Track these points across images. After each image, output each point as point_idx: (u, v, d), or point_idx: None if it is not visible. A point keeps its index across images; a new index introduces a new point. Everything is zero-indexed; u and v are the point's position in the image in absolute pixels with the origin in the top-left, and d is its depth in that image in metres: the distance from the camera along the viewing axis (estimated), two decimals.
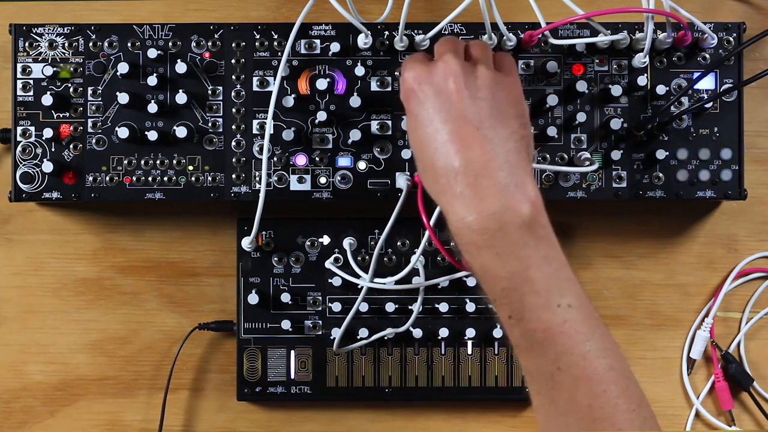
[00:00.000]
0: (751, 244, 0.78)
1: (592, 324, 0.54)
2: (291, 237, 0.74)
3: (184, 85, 0.70)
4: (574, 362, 0.53)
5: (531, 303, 0.53)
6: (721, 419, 0.78)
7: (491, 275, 0.54)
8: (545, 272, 0.53)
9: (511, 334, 0.55)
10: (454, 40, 0.61)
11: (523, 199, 0.53)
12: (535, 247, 0.53)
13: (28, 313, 0.77)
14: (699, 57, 0.72)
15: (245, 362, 0.74)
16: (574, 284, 0.54)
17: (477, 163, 0.54)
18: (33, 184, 0.70)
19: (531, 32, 0.69)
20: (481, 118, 0.55)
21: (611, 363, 0.54)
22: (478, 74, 0.57)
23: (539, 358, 0.54)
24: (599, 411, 0.53)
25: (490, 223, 0.53)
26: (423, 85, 0.57)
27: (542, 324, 0.53)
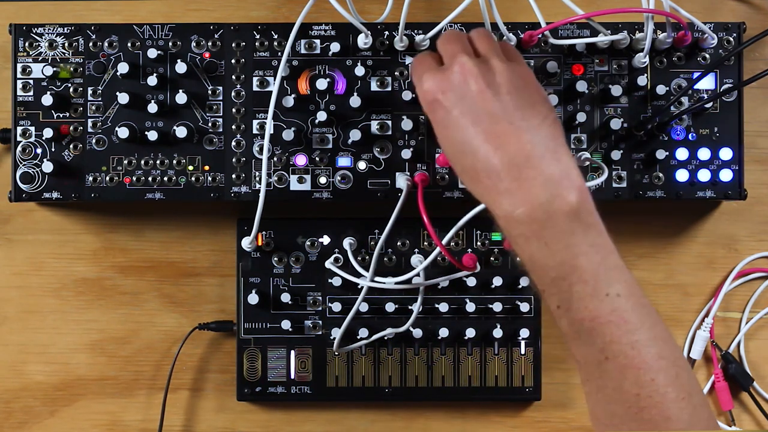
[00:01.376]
0: (751, 244, 0.78)
1: (642, 312, 0.54)
2: (291, 237, 0.74)
3: (184, 85, 0.70)
4: (622, 351, 0.53)
5: (579, 292, 0.53)
6: (721, 419, 0.78)
7: (541, 265, 0.54)
8: (593, 260, 0.53)
9: (560, 323, 0.55)
10: (457, 35, 0.61)
11: (570, 186, 0.53)
12: (583, 235, 0.53)
13: (28, 313, 0.77)
14: (699, 57, 0.72)
15: (245, 362, 0.74)
16: (622, 272, 0.54)
17: (518, 156, 0.53)
18: (33, 184, 0.70)
19: (531, 32, 0.69)
20: (510, 111, 0.55)
21: (661, 352, 0.53)
22: (494, 69, 0.57)
23: (587, 346, 0.54)
24: (647, 400, 0.53)
25: (539, 213, 0.53)
26: (446, 94, 0.56)
27: (590, 313, 0.53)
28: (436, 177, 0.71)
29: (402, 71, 0.71)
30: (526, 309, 0.74)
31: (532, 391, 0.75)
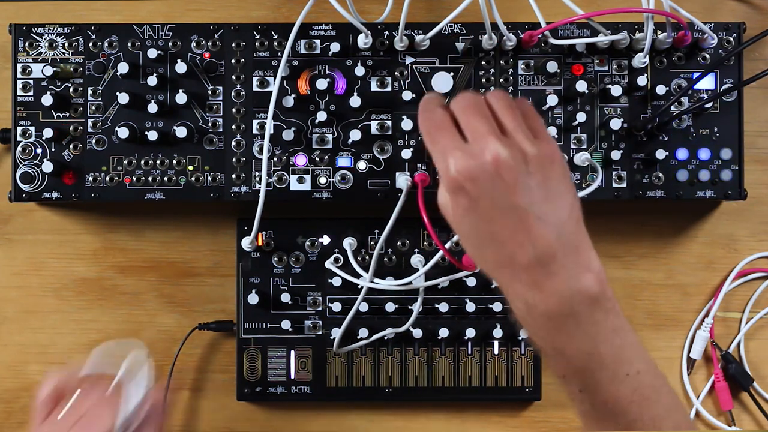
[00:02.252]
0: (751, 244, 0.78)
1: (657, 384, 0.55)
2: (291, 237, 0.74)
3: (184, 85, 0.70)
4: (644, 427, 0.54)
5: (602, 378, 0.53)
6: (721, 419, 0.78)
7: (563, 356, 0.54)
8: (614, 344, 0.53)
9: (581, 405, 0.56)
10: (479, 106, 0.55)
11: (591, 276, 0.52)
12: (604, 322, 0.53)
13: (28, 313, 0.77)
14: (699, 57, 0.72)
15: (245, 362, 0.74)
16: (639, 348, 0.55)
17: (545, 255, 0.52)
18: (33, 184, 0.70)
19: (531, 32, 0.69)
20: (539, 205, 0.52)
21: (677, 420, 0.55)
22: (528, 158, 0.53)
23: (610, 424, 0.55)
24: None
25: (563, 308, 0.52)
26: (476, 182, 0.52)
27: (612, 396, 0.54)
28: (436, 177, 0.71)
29: (402, 71, 0.71)
30: None
31: (532, 391, 0.75)
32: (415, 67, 0.71)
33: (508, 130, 0.54)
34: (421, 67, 0.71)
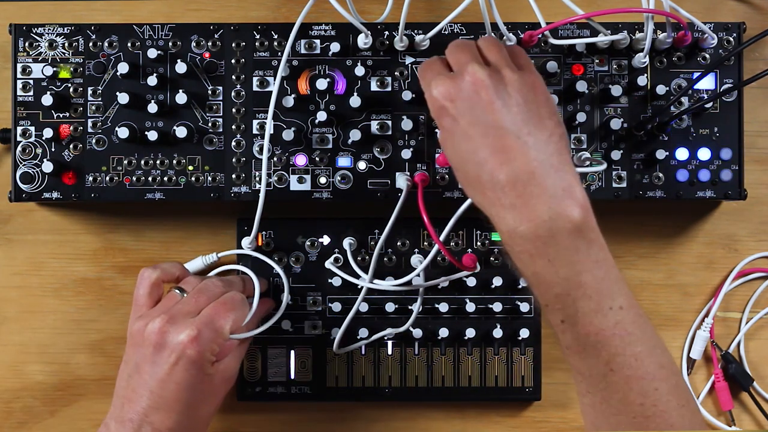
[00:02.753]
0: (751, 244, 0.78)
1: (641, 323, 0.55)
2: (291, 237, 0.74)
3: (184, 85, 0.70)
4: (626, 363, 0.54)
5: (584, 307, 0.53)
6: (721, 419, 0.78)
7: (544, 282, 0.54)
8: (596, 276, 0.53)
9: (563, 337, 0.56)
10: (466, 44, 0.60)
11: (573, 203, 0.53)
12: (586, 252, 0.53)
13: (28, 313, 0.77)
14: (699, 57, 0.72)
15: (245, 362, 0.74)
16: (622, 284, 0.55)
17: (523, 173, 0.53)
18: (33, 184, 0.70)
19: (531, 32, 0.69)
20: (518, 125, 0.55)
21: (661, 361, 0.55)
22: (506, 80, 0.56)
23: (592, 359, 0.55)
24: (652, 408, 0.54)
25: (542, 231, 0.53)
26: (456, 102, 0.56)
27: (595, 327, 0.54)
28: (436, 177, 0.71)
29: (402, 71, 0.71)
30: (526, 309, 0.74)
31: (532, 391, 0.75)
32: (415, 67, 0.71)
33: (492, 61, 0.58)
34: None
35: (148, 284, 0.67)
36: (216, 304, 0.64)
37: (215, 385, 0.63)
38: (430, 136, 0.71)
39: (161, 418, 0.60)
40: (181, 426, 0.61)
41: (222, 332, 0.63)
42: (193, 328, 0.61)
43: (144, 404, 0.61)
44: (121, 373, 0.64)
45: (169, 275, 0.69)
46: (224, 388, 0.65)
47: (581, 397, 0.58)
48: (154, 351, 0.61)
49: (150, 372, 0.61)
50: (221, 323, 0.63)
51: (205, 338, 0.61)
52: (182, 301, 0.65)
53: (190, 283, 0.67)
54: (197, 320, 0.62)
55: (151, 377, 0.61)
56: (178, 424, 0.61)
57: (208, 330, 0.61)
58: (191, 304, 0.64)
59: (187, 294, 0.66)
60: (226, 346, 0.64)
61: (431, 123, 0.71)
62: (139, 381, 0.61)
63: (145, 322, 0.62)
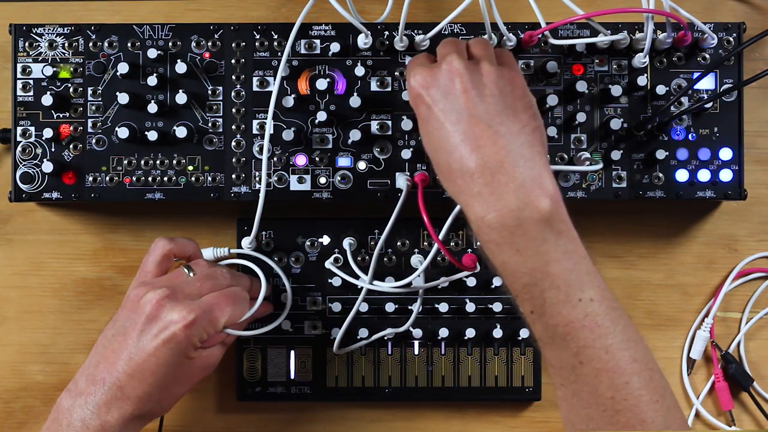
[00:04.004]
0: (751, 244, 0.78)
1: (614, 316, 0.54)
2: (291, 237, 0.74)
3: (184, 85, 0.70)
4: (596, 355, 0.53)
5: (552, 298, 0.53)
6: (721, 419, 0.78)
7: (512, 271, 0.54)
8: (565, 267, 0.53)
9: (534, 328, 0.56)
10: (455, 41, 0.61)
11: (541, 193, 0.53)
12: (554, 242, 0.53)
13: (28, 313, 0.77)
14: (699, 57, 0.72)
15: (245, 362, 0.74)
16: (595, 277, 0.55)
17: (492, 161, 0.54)
18: (33, 184, 0.70)
19: (531, 32, 0.69)
20: (491, 115, 0.55)
21: (634, 354, 0.54)
22: (482, 71, 0.57)
23: (561, 351, 0.54)
24: (622, 402, 0.53)
25: (509, 220, 0.53)
26: (430, 89, 0.57)
27: (564, 318, 0.53)
28: (436, 177, 0.70)
29: (402, 71, 0.71)
30: None
31: (532, 391, 0.75)
32: None
33: (474, 55, 0.60)
34: None
35: (160, 254, 0.67)
36: (219, 294, 0.64)
37: (193, 369, 0.64)
38: None
39: (133, 385, 0.60)
40: (149, 398, 0.61)
41: (216, 323, 0.63)
42: (190, 311, 0.61)
43: (120, 368, 0.61)
44: (105, 332, 0.64)
45: (182, 251, 0.68)
46: (201, 374, 0.65)
47: (556, 390, 0.58)
48: (146, 321, 0.61)
49: (135, 339, 0.61)
50: (218, 314, 0.63)
51: (198, 324, 0.61)
52: (188, 281, 0.65)
53: (200, 265, 0.67)
54: (196, 305, 0.62)
55: (134, 344, 0.61)
56: (148, 396, 0.61)
57: (203, 317, 0.61)
58: (195, 286, 0.64)
59: (194, 275, 0.65)
60: (216, 336, 0.64)
61: None
62: (122, 344, 0.61)
63: (146, 290, 0.63)
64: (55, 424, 0.61)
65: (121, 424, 0.60)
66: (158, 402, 0.62)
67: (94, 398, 0.60)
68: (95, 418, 0.60)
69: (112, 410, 0.60)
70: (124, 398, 0.60)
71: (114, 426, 0.60)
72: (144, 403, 0.61)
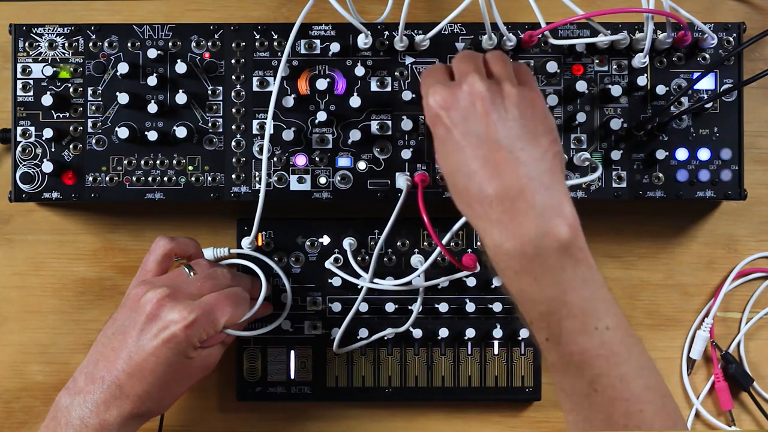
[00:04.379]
0: (751, 244, 0.78)
1: (629, 343, 0.54)
2: (291, 237, 0.74)
3: (184, 85, 0.70)
4: (611, 384, 0.53)
5: (568, 327, 0.53)
6: (721, 419, 0.78)
7: (529, 300, 0.54)
8: (583, 295, 0.53)
9: (548, 355, 0.55)
10: (473, 56, 0.60)
11: (561, 222, 0.52)
12: (572, 271, 0.53)
13: (28, 313, 0.77)
14: (699, 57, 0.72)
15: (245, 362, 0.74)
16: (611, 304, 0.54)
17: (513, 188, 0.53)
18: (33, 184, 0.70)
19: (531, 32, 0.69)
20: (512, 140, 0.54)
21: (648, 382, 0.54)
22: (504, 94, 0.56)
23: (576, 378, 0.54)
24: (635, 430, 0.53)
25: (529, 248, 0.52)
26: (450, 111, 0.56)
27: (579, 347, 0.53)
28: (436, 177, 0.71)
29: (402, 71, 0.71)
30: None
31: (532, 391, 0.75)
32: (415, 67, 0.71)
33: (494, 74, 0.58)
34: (421, 68, 0.71)
35: (161, 253, 0.67)
36: (219, 294, 0.64)
37: (193, 369, 0.64)
38: (430, 136, 0.71)
39: (132, 384, 0.60)
40: (149, 397, 0.61)
41: (216, 323, 0.63)
42: (191, 311, 0.61)
43: (119, 366, 0.61)
44: (105, 330, 0.64)
45: (183, 250, 0.68)
46: (201, 373, 0.65)
47: (566, 414, 0.57)
48: (146, 320, 0.61)
49: (135, 338, 0.61)
50: (218, 315, 0.63)
51: (198, 325, 0.61)
52: (188, 280, 0.65)
53: (200, 265, 0.67)
54: (196, 305, 0.62)
55: (134, 343, 0.61)
56: (147, 395, 0.61)
57: (204, 317, 0.61)
58: (196, 286, 0.64)
59: (195, 275, 0.65)
60: (215, 336, 0.64)
61: None
62: (122, 343, 0.61)
63: (146, 289, 0.63)
64: (54, 423, 0.61)
65: (119, 422, 0.61)
66: (157, 401, 0.62)
67: (93, 396, 0.60)
68: (94, 416, 0.60)
69: (110, 409, 0.60)
70: (123, 397, 0.60)
71: (113, 424, 0.60)
72: (143, 401, 0.61)
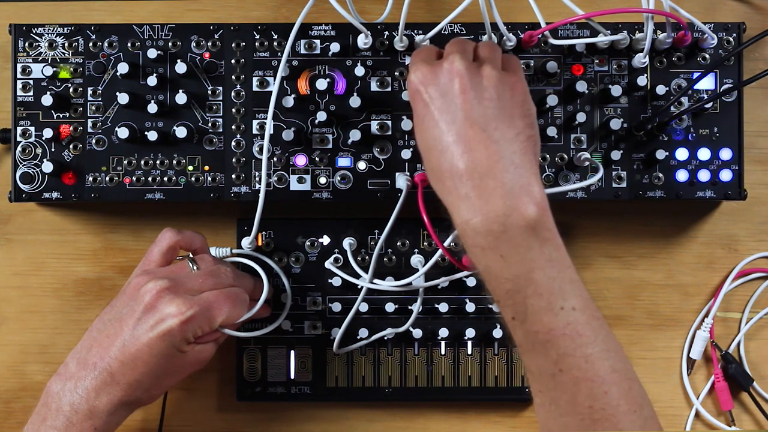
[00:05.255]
0: (751, 244, 0.78)
1: (596, 325, 0.54)
2: (291, 237, 0.74)
3: (184, 85, 0.70)
4: (575, 364, 0.53)
5: (534, 305, 0.53)
6: (721, 419, 0.78)
7: (495, 277, 0.54)
8: (549, 275, 0.53)
9: (515, 334, 0.56)
10: (463, 41, 0.61)
11: (529, 201, 0.53)
12: (539, 250, 0.53)
13: (28, 313, 0.77)
14: (699, 57, 0.72)
15: (245, 362, 0.74)
16: (578, 286, 0.55)
17: (482, 165, 0.54)
18: (33, 184, 0.70)
19: (531, 32, 0.69)
20: (487, 119, 0.55)
21: (614, 365, 0.54)
22: (483, 74, 0.57)
23: (541, 358, 0.54)
24: (600, 412, 0.53)
25: (495, 225, 0.53)
26: (428, 87, 0.57)
27: (545, 326, 0.53)
28: None
29: (402, 71, 0.71)
30: None
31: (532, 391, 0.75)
32: None
33: (479, 56, 0.59)
34: None
35: (166, 244, 0.67)
36: (219, 293, 0.64)
37: (185, 363, 0.63)
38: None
39: (124, 372, 0.61)
40: (139, 385, 0.61)
41: (213, 321, 0.63)
42: (189, 306, 0.61)
43: (113, 354, 0.61)
44: (101, 316, 0.64)
45: (188, 244, 0.68)
46: (192, 368, 0.65)
47: (534, 397, 0.58)
48: (144, 310, 0.61)
49: (131, 327, 0.61)
50: (216, 313, 0.63)
51: (195, 321, 0.61)
52: (191, 275, 0.65)
53: (205, 260, 0.67)
54: (195, 301, 0.62)
55: (129, 332, 0.61)
56: (137, 383, 0.61)
57: (201, 314, 0.61)
58: (197, 282, 0.64)
59: (198, 270, 0.65)
60: (211, 334, 0.64)
61: None
62: (117, 330, 0.61)
63: (147, 279, 0.63)
64: (45, 409, 0.61)
65: (109, 409, 0.61)
66: (147, 390, 0.63)
67: (83, 383, 0.61)
68: (84, 402, 0.60)
69: (101, 395, 0.61)
70: (114, 384, 0.61)
71: (102, 411, 0.61)
72: (133, 390, 0.61)
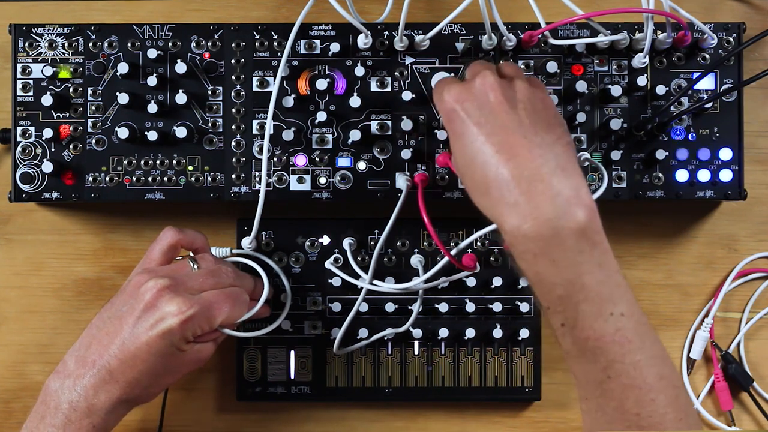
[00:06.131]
0: (751, 244, 0.78)
1: (643, 331, 0.54)
2: (291, 237, 0.74)
3: (184, 85, 0.70)
4: (624, 371, 0.53)
5: (584, 311, 0.53)
6: (721, 419, 0.78)
7: (546, 283, 0.54)
8: (599, 279, 0.53)
9: (563, 341, 0.55)
10: (484, 62, 0.62)
11: (579, 204, 0.53)
12: (589, 254, 0.53)
13: (28, 313, 0.77)
14: (699, 57, 0.72)
15: (245, 362, 0.74)
16: (626, 291, 0.54)
17: (528, 169, 0.53)
18: (33, 184, 0.70)
19: (531, 32, 0.69)
20: (525, 126, 0.55)
21: (661, 371, 0.54)
22: (515, 87, 0.58)
23: (590, 365, 0.54)
24: (647, 420, 0.53)
25: (545, 230, 0.52)
26: (464, 103, 0.57)
27: (595, 333, 0.53)
28: (435, 177, 0.71)
29: (402, 71, 0.71)
30: (526, 309, 0.74)
31: (532, 391, 0.75)
32: (415, 67, 0.71)
33: (506, 74, 0.60)
34: (421, 68, 0.71)
35: (167, 243, 0.67)
36: (219, 292, 0.64)
37: (184, 362, 0.64)
38: (430, 136, 0.71)
39: (122, 370, 0.61)
40: (138, 383, 0.61)
41: (212, 321, 0.63)
42: (189, 305, 0.61)
43: (112, 352, 0.61)
44: (101, 313, 0.64)
45: (190, 243, 0.68)
46: (191, 366, 0.65)
47: (580, 402, 0.58)
48: (144, 309, 0.61)
49: (130, 325, 0.61)
50: (216, 313, 0.63)
51: (194, 320, 0.61)
52: (191, 274, 0.65)
53: (206, 260, 0.67)
54: (196, 300, 0.62)
55: (129, 331, 0.61)
56: (136, 381, 0.61)
57: (201, 314, 0.61)
58: (198, 281, 0.64)
59: (198, 269, 0.65)
60: (210, 333, 0.64)
61: (431, 123, 0.71)
62: (117, 328, 0.61)
63: (147, 278, 0.63)
64: (43, 407, 0.61)
65: (108, 407, 0.61)
66: (146, 388, 0.63)
67: (82, 381, 0.61)
68: (83, 400, 0.61)
69: (99, 393, 0.61)
70: (112, 382, 0.61)
71: (101, 408, 0.61)
72: (132, 388, 0.61)
